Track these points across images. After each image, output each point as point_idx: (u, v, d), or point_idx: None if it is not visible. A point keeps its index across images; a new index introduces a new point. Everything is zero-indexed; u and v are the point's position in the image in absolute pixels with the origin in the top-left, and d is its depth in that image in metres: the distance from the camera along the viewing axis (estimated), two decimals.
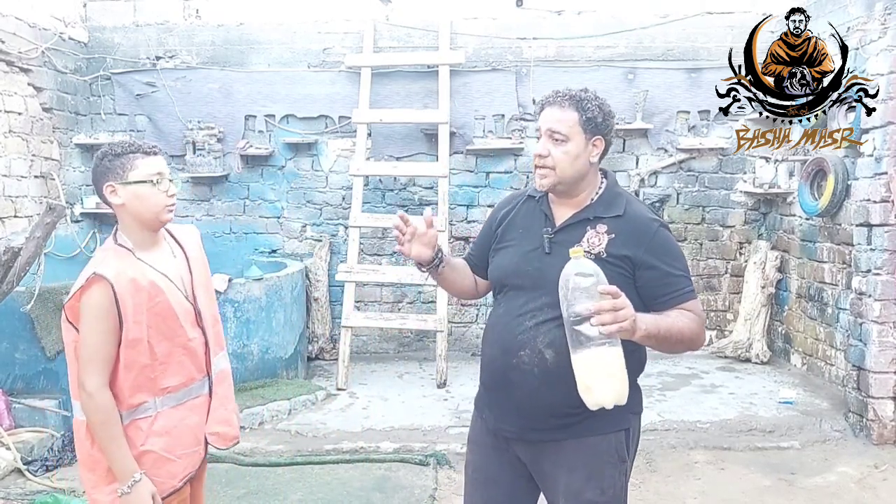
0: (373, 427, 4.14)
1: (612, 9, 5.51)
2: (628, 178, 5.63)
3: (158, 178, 1.86)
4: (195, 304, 1.95)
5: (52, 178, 5.13)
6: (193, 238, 2.06)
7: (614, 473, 1.80)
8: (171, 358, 1.88)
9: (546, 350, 1.74)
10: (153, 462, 1.85)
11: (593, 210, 1.81)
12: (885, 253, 3.91)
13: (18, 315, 3.88)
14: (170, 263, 1.94)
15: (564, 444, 1.80)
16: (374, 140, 5.61)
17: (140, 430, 1.85)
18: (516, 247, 1.86)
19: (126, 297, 1.78)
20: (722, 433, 4.05)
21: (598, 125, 1.78)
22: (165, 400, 1.88)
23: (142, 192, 1.84)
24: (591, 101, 1.78)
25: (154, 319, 1.84)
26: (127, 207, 1.86)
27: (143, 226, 1.89)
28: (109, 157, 1.86)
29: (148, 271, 1.86)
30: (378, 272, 5.26)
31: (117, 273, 1.79)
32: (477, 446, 1.98)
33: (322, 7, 5.59)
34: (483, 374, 1.93)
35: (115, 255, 1.85)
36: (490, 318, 1.93)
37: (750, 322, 5.44)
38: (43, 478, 3.45)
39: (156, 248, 1.93)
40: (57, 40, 5.19)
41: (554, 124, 1.76)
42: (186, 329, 1.90)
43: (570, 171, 1.77)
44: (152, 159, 1.88)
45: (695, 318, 1.77)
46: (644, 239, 1.76)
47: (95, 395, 1.78)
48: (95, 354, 1.79)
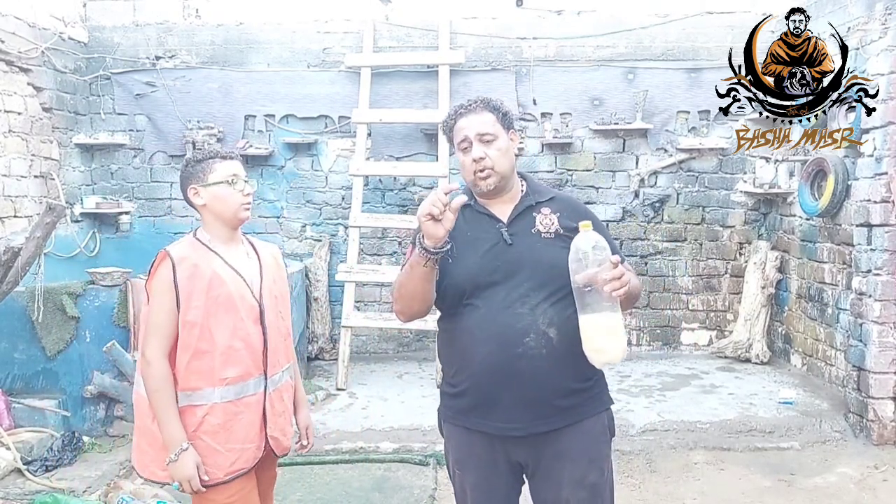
0: (372, 427, 4.13)
1: (612, 9, 5.51)
2: (628, 178, 5.63)
3: (234, 179, 2.04)
4: (260, 303, 2.05)
5: (52, 178, 5.12)
6: (271, 251, 2.22)
7: (608, 451, 1.94)
8: (231, 350, 1.98)
9: (549, 329, 1.80)
10: (202, 450, 1.95)
11: (530, 199, 1.93)
12: (886, 253, 3.91)
13: (18, 315, 3.88)
14: (243, 262, 2.08)
15: (564, 434, 1.84)
16: (373, 140, 5.61)
17: (194, 416, 1.96)
18: (472, 250, 1.87)
19: (184, 279, 1.94)
20: (722, 433, 4.05)
21: (510, 120, 1.94)
22: (224, 392, 1.98)
23: (220, 192, 2.03)
24: (496, 101, 1.94)
25: (214, 307, 1.96)
26: (208, 207, 2.05)
27: (224, 223, 2.06)
28: (192, 163, 2.07)
29: (215, 262, 2.01)
30: (378, 272, 5.26)
31: (182, 256, 1.97)
32: (470, 463, 1.93)
33: (322, 7, 5.59)
34: (475, 378, 1.85)
35: (188, 243, 2.04)
36: (464, 322, 1.85)
37: (750, 322, 5.44)
38: (43, 478, 3.44)
39: (233, 245, 2.09)
40: (57, 40, 5.18)
41: (480, 127, 1.86)
42: (247, 324, 2.01)
43: (507, 165, 1.88)
44: (229, 163, 2.06)
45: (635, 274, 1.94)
46: (581, 213, 1.92)
47: (153, 363, 1.93)
48: (156, 326, 1.95)
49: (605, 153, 5.65)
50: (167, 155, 5.72)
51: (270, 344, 2.07)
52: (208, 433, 1.97)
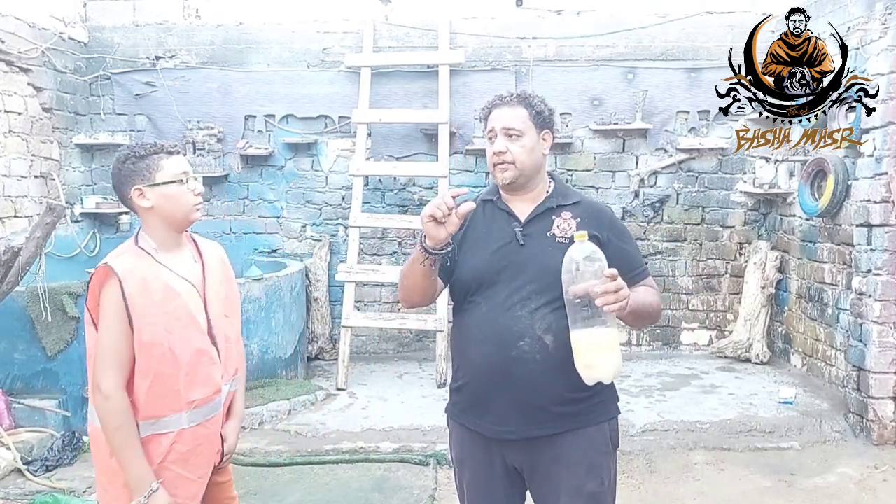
0: (372, 427, 4.13)
1: (612, 8, 5.50)
2: (628, 178, 5.63)
3: (185, 177, 1.82)
4: (206, 310, 1.87)
5: (52, 178, 5.12)
6: (216, 252, 2.00)
7: (610, 463, 1.88)
8: (198, 368, 1.79)
9: (545, 336, 1.77)
10: (171, 481, 1.76)
11: (553, 200, 1.90)
12: (886, 253, 3.91)
13: (18, 315, 3.87)
14: (191, 268, 1.88)
15: (562, 439, 1.81)
16: (373, 140, 5.61)
17: (160, 446, 1.76)
18: (483, 246, 1.87)
19: (135, 296, 1.72)
20: (722, 434, 4.04)
21: (546, 119, 1.89)
22: (193, 416, 1.78)
23: (171, 192, 1.80)
24: (536, 98, 1.90)
25: (174, 324, 1.76)
26: (156, 209, 1.80)
27: (171, 227, 1.84)
28: (132, 159, 1.80)
29: (164, 274, 1.80)
30: (378, 272, 5.25)
31: (128, 270, 1.73)
32: (467, 462, 1.95)
33: (321, 7, 5.59)
34: (472, 377, 1.88)
35: (132, 254, 1.80)
36: (468, 320, 1.88)
37: (750, 322, 5.44)
38: (43, 478, 3.44)
39: (179, 251, 1.88)
40: (57, 40, 5.18)
41: (507, 122, 1.85)
42: (207, 337, 1.84)
43: (529, 164, 1.85)
44: (176, 158, 1.83)
45: (655, 293, 1.93)
46: (604, 221, 1.90)
47: (112, 397, 1.70)
48: (110, 354, 1.72)
49: (605, 153, 5.65)
50: None
51: (223, 352, 1.88)
52: (177, 462, 1.77)
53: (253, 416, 4.13)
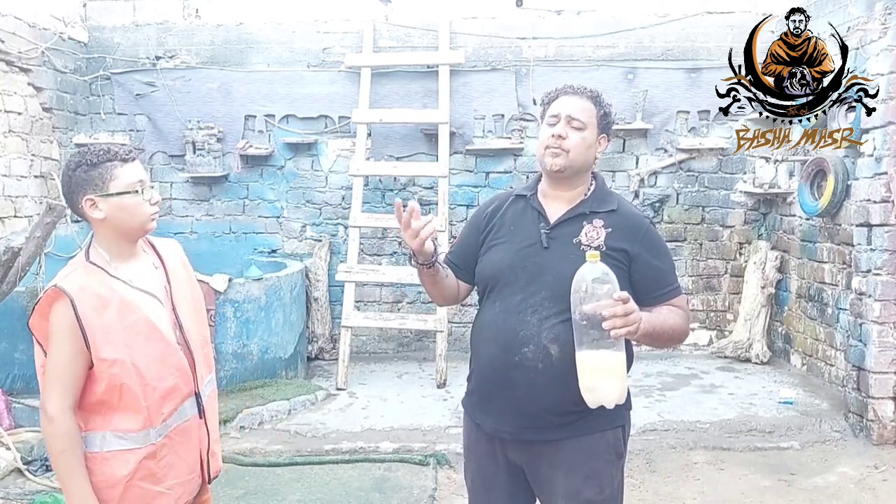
0: (372, 427, 4.13)
1: (612, 8, 5.50)
2: (628, 178, 5.63)
3: (141, 186, 1.72)
4: (177, 317, 1.80)
5: (52, 178, 5.12)
6: (175, 251, 1.93)
7: (612, 471, 1.82)
8: (164, 381, 1.73)
9: (551, 345, 1.74)
10: (139, 498, 1.70)
11: (588, 205, 1.84)
12: (886, 253, 3.91)
13: (18, 315, 3.87)
14: (150, 276, 1.80)
15: (562, 444, 1.79)
16: (373, 140, 5.61)
17: (126, 463, 1.69)
18: (508, 243, 1.86)
19: (89, 313, 1.64)
20: (721, 433, 4.05)
21: (608, 124, 1.88)
22: (162, 429, 1.73)
23: (125, 203, 1.70)
24: (605, 100, 1.88)
25: (135, 339, 1.69)
26: (109, 221, 1.71)
27: (125, 238, 1.75)
28: (84, 167, 1.69)
29: (120, 288, 1.71)
30: (378, 272, 5.26)
31: (80, 287, 1.65)
32: (473, 454, 1.96)
33: (321, 7, 5.59)
34: (477, 374, 1.90)
35: (83, 271, 1.70)
36: (482, 317, 1.89)
37: (750, 322, 5.44)
38: (43, 478, 3.44)
39: (134, 261, 1.78)
40: (57, 40, 5.19)
41: (574, 111, 1.81)
42: (173, 346, 1.77)
43: (581, 159, 1.82)
44: (131, 166, 1.72)
45: (682, 314, 1.83)
46: (638, 234, 1.81)
47: (56, 419, 1.63)
48: (58, 376, 1.64)
49: (605, 153, 5.56)
50: (167, 155, 5.73)
51: (197, 357, 1.82)
52: (146, 478, 1.70)
53: (253, 416, 4.13)
